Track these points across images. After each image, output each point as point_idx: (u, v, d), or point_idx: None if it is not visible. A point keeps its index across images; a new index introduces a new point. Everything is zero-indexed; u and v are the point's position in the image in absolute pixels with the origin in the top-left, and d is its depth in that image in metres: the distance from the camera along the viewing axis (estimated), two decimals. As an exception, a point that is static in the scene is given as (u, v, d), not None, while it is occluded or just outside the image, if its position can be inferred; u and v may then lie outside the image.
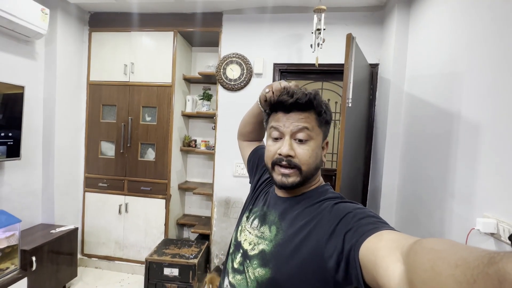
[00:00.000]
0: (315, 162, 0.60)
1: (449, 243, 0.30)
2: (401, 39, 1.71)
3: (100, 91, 2.32)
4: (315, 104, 0.59)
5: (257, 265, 0.57)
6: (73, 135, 2.30)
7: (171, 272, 1.88)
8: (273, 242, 0.57)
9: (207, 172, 2.57)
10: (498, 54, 0.95)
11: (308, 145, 0.58)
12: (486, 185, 0.97)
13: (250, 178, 0.85)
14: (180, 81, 2.35)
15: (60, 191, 2.17)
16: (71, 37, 2.19)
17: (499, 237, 0.89)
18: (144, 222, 2.31)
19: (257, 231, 0.63)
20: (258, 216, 0.66)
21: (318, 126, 0.60)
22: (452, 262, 0.26)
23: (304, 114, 0.59)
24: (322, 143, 0.62)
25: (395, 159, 1.72)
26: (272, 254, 0.56)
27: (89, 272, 2.32)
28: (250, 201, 0.75)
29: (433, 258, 0.28)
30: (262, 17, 2.07)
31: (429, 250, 0.30)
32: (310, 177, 0.61)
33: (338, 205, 0.55)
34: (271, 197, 0.68)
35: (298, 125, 0.58)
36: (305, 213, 0.58)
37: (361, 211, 0.50)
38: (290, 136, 0.59)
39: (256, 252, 0.59)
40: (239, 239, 0.66)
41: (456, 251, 0.27)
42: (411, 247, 0.34)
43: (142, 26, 2.23)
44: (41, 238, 1.84)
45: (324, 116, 0.61)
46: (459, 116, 1.14)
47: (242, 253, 0.63)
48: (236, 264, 0.64)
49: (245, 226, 0.67)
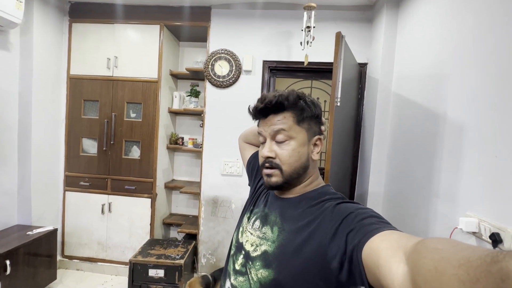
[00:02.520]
0: (298, 161, 0.60)
1: (451, 243, 0.30)
2: (390, 39, 1.72)
3: (81, 85, 2.21)
4: (286, 105, 0.59)
5: (260, 266, 0.57)
6: (52, 131, 2.18)
7: (156, 273, 1.83)
8: (275, 243, 0.57)
9: (195, 170, 2.52)
10: (483, 58, 0.96)
11: (288, 145, 0.59)
12: (469, 185, 0.99)
13: (250, 180, 0.86)
14: (167, 77, 2.27)
15: (37, 190, 2.06)
16: (49, 27, 2.06)
17: (480, 236, 0.91)
18: (128, 222, 2.24)
19: (259, 232, 0.62)
20: (260, 217, 0.65)
21: (297, 124, 0.60)
22: (455, 262, 0.26)
23: (280, 116, 0.60)
24: (310, 140, 0.61)
25: (382, 158, 1.74)
26: (275, 255, 0.56)
27: (70, 274, 2.22)
28: (251, 202, 0.75)
29: (436, 258, 0.28)
30: (251, 12, 2.03)
31: (432, 250, 0.30)
32: (296, 176, 0.61)
33: (340, 205, 0.55)
34: (271, 197, 0.68)
35: (274, 128, 0.60)
36: (306, 213, 0.57)
37: (363, 211, 0.50)
38: (271, 138, 0.61)
39: (259, 253, 0.59)
40: (241, 240, 0.66)
41: (458, 251, 0.27)
42: (414, 247, 0.34)
43: (127, 18, 2.13)
44: (16, 240, 1.74)
45: (306, 113, 0.60)
46: (444, 117, 1.16)
47: (244, 254, 0.62)
48: (238, 265, 0.63)
49: (247, 227, 0.67)
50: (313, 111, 0.61)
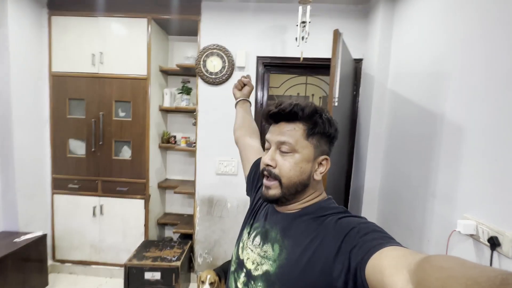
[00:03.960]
0: (299, 177, 0.57)
1: (457, 261, 0.30)
2: (386, 35, 1.69)
3: (65, 83, 2.09)
4: (300, 115, 0.56)
5: (262, 287, 0.55)
6: (36, 132, 2.07)
7: (153, 276, 1.81)
8: (277, 262, 0.55)
9: (188, 169, 2.47)
10: (485, 56, 0.94)
11: (291, 157, 0.57)
12: (468, 187, 0.99)
13: (249, 190, 0.82)
14: (157, 73, 2.18)
15: (23, 195, 1.97)
16: (27, 20, 1.92)
17: (478, 238, 0.92)
18: (122, 224, 2.18)
19: (260, 249, 0.60)
20: (260, 233, 0.63)
21: (305, 138, 0.57)
22: (462, 281, 0.26)
23: (291, 126, 0.58)
24: (315, 158, 0.58)
25: (378, 157, 1.75)
26: (277, 275, 0.54)
27: (63, 278, 2.17)
28: (251, 215, 0.72)
29: (442, 277, 0.28)
30: (244, 6, 1.94)
31: (438, 268, 0.30)
32: (294, 192, 0.58)
33: (341, 220, 0.53)
34: (271, 212, 0.65)
35: (280, 138, 0.58)
36: (308, 230, 0.55)
37: (365, 226, 0.49)
38: (276, 147, 0.59)
39: (260, 273, 0.57)
40: (241, 257, 0.64)
41: (465, 270, 0.27)
42: (418, 265, 0.34)
43: (111, 11, 2.00)
44: (3, 248, 1.67)
45: (318, 129, 0.57)
46: (442, 117, 1.15)
47: (245, 272, 0.61)
48: (240, 284, 0.62)
49: (247, 243, 0.65)
50: (326, 128, 0.58)
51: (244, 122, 0.97)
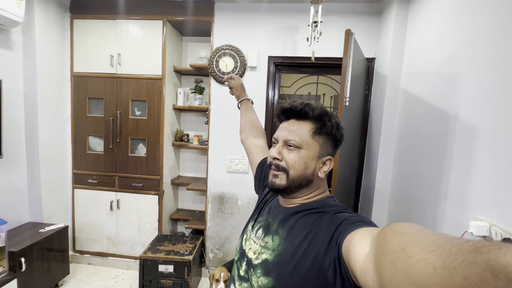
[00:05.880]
0: (303, 171, 0.60)
1: (417, 227, 0.31)
2: (399, 34, 1.67)
3: (85, 83, 2.19)
4: (310, 114, 0.61)
5: (260, 274, 0.59)
6: (59, 130, 2.19)
7: (166, 269, 1.88)
8: (275, 252, 0.59)
9: (200, 166, 2.54)
10: (499, 57, 0.93)
11: (297, 152, 0.60)
12: (481, 189, 0.98)
13: (257, 188, 0.87)
14: (171, 73, 2.25)
15: (47, 189, 2.09)
16: (51, 24, 2.03)
17: (491, 240, 0.91)
18: (136, 218, 2.28)
19: (261, 241, 0.64)
20: (263, 226, 0.67)
21: (312, 137, 0.60)
22: (425, 246, 0.26)
23: (300, 123, 0.62)
24: (320, 157, 0.62)
25: (389, 156, 1.73)
26: (275, 263, 0.57)
27: (82, 268, 2.29)
28: (256, 210, 0.76)
29: (402, 241, 0.29)
30: (256, 6, 1.97)
31: (398, 232, 0.31)
32: (298, 185, 0.61)
33: (336, 214, 0.56)
34: (274, 207, 0.69)
35: (288, 134, 0.62)
36: (306, 224, 0.58)
37: (355, 218, 0.52)
38: (283, 142, 0.63)
39: (260, 261, 0.61)
40: (244, 247, 0.68)
41: (427, 236, 0.28)
42: (381, 230, 0.35)
43: (129, 13, 2.09)
44: (29, 238, 1.79)
45: (326, 129, 0.61)
46: (456, 118, 1.14)
47: (246, 261, 0.65)
48: (242, 272, 0.66)
49: (250, 235, 0.69)
50: (333, 131, 0.61)
51: (246, 123, 1.00)
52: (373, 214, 1.78)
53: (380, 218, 1.76)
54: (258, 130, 0.98)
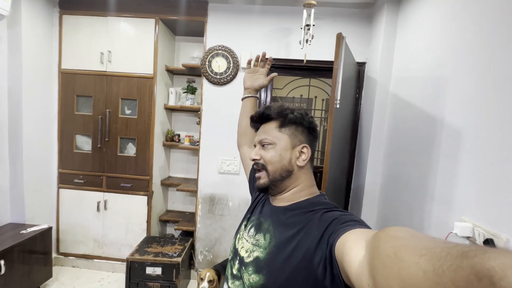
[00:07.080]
0: (280, 163, 0.64)
1: (410, 232, 0.32)
2: (389, 39, 1.71)
3: (73, 80, 2.14)
4: (271, 114, 0.68)
5: (251, 272, 0.60)
6: (44, 128, 2.12)
7: (154, 271, 1.84)
8: (266, 250, 0.60)
9: (191, 167, 2.51)
10: (484, 62, 0.96)
11: (272, 148, 0.65)
12: (465, 190, 1.01)
13: (251, 190, 0.89)
14: (163, 73, 2.22)
15: (30, 188, 2.02)
16: (38, 19, 1.98)
17: (474, 240, 0.94)
18: (124, 219, 2.22)
19: (253, 239, 0.65)
20: (254, 225, 0.69)
21: (278, 131, 0.66)
22: (416, 251, 0.27)
23: (268, 124, 0.69)
24: (294, 147, 0.65)
25: (379, 158, 1.76)
26: (265, 261, 0.59)
27: (66, 271, 2.21)
28: (249, 210, 0.78)
29: (396, 245, 0.30)
30: (250, 8, 1.98)
31: (392, 237, 0.32)
32: (280, 178, 0.64)
33: (327, 213, 0.57)
34: (266, 206, 0.71)
35: (260, 136, 0.68)
36: (297, 222, 0.59)
37: (346, 217, 0.52)
38: (259, 144, 0.68)
39: (251, 259, 0.62)
40: (237, 246, 0.70)
41: (418, 240, 0.29)
42: (375, 234, 0.36)
43: (120, 11, 2.06)
44: (10, 239, 1.72)
45: (289, 120, 0.65)
46: (442, 121, 1.17)
47: (239, 260, 0.66)
48: (234, 270, 0.67)
49: (243, 234, 0.70)
50: (298, 120, 0.66)
51: (241, 126, 1.01)
52: (362, 215, 1.80)
53: (369, 218, 1.78)
54: (254, 134, 0.99)
